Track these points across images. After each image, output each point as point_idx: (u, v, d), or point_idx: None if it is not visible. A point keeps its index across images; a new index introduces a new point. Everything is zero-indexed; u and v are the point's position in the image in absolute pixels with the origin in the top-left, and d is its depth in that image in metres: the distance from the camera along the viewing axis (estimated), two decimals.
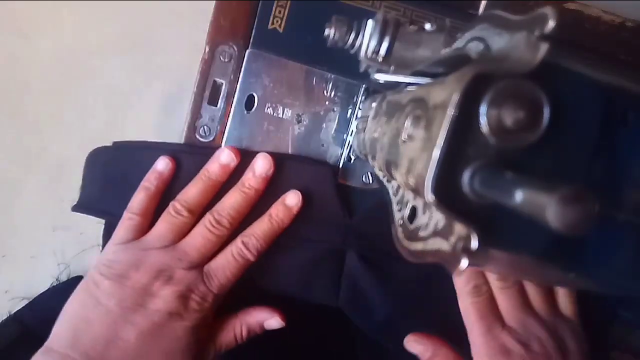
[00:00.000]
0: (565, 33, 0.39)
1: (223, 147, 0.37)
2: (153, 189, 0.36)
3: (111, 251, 0.35)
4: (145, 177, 0.37)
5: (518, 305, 0.34)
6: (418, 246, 0.20)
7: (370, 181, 0.39)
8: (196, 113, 0.39)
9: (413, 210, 0.22)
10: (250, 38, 0.38)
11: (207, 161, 0.37)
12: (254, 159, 0.36)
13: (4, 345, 0.40)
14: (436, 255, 0.17)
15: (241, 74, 0.38)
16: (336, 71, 0.38)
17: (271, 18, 0.38)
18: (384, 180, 0.28)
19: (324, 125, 0.39)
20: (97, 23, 0.47)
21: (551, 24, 0.16)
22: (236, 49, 0.38)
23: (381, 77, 0.26)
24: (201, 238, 0.35)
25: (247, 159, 0.37)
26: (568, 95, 0.17)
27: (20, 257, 0.48)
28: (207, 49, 0.38)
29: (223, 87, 0.38)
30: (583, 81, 0.18)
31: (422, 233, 0.19)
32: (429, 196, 0.17)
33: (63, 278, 0.46)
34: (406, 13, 0.38)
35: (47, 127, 0.48)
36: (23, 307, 0.42)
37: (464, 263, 0.15)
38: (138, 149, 0.39)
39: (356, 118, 0.39)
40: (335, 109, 0.39)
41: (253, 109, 0.39)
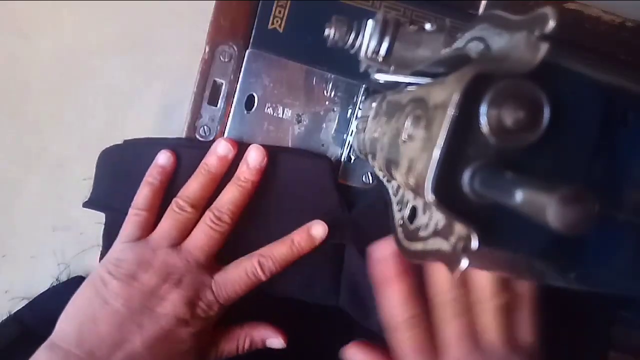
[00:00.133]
0: (565, 33, 0.39)
1: (220, 139, 0.37)
2: (157, 184, 0.36)
3: (119, 249, 0.35)
4: (147, 172, 0.37)
5: (464, 336, 0.30)
6: (418, 246, 0.20)
7: (370, 181, 0.39)
8: (196, 113, 0.39)
9: (413, 210, 0.22)
10: (250, 38, 0.38)
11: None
12: (247, 151, 0.37)
13: (4, 345, 0.40)
14: (436, 255, 0.17)
15: (241, 74, 0.38)
16: (336, 71, 0.38)
17: (271, 18, 0.38)
18: (384, 180, 0.29)
19: (324, 125, 0.39)
20: (97, 23, 0.47)
21: (551, 24, 0.16)
22: (236, 49, 0.38)
23: (381, 77, 0.26)
24: (204, 236, 0.35)
25: (244, 150, 0.37)
26: (568, 95, 0.17)
27: (20, 257, 0.48)
28: (207, 49, 0.38)
29: (223, 87, 0.38)
30: (583, 81, 0.18)
31: (422, 233, 0.19)
32: (429, 196, 0.17)
33: (63, 278, 0.46)
34: (406, 13, 0.38)
35: (47, 127, 0.47)
36: (23, 307, 0.42)
37: (464, 263, 0.15)
38: (142, 145, 0.39)
39: (356, 118, 0.39)
40: (335, 109, 0.39)
41: (253, 109, 0.39)
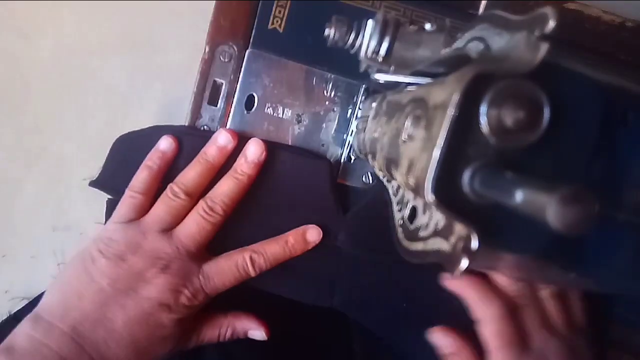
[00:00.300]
0: (565, 33, 0.39)
1: (221, 129, 0.37)
2: (156, 168, 0.36)
3: (112, 229, 0.35)
4: (147, 156, 0.37)
5: (539, 325, 0.33)
6: (418, 246, 0.20)
7: (370, 181, 0.39)
8: (196, 113, 0.39)
9: (413, 210, 0.22)
10: (250, 38, 0.38)
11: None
12: (246, 145, 0.37)
13: None
14: (436, 255, 0.17)
15: (241, 74, 0.38)
16: (336, 71, 0.38)
17: (271, 18, 0.38)
18: (384, 180, 0.29)
19: (324, 125, 0.39)
20: (97, 23, 0.47)
21: (551, 24, 0.16)
22: (236, 49, 0.38)
23: (381, 77, 0.26)
24: (196, 225, 0.35)
25: (245, 144, 0.37)
26: (568, 95, 0.17)
27: (20, 257, 0.48)
28: (207, 49, 0.38)
29: (223, 87, 0.38)
30: (583, 81, 0.18)
31: (422, 233, 0.19)
32: (429, 196, 0.17)
33: None
34: (406, 13, 0.38)
35: (47, 127, 0.48)
36: (23, 307, 0.42)
37: (464, 263, 0.15)
38: (153, 131, 0.39)
39: (356, 118, 0.39)
40: (335, 109, 0.39)
41: (253, 109, 0.39)
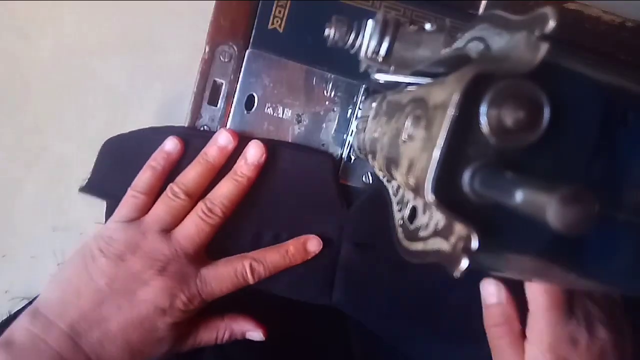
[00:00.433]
0: (565, 33, 0.39)
1: (221, 129, 0.37)
2: (160, 169, 0.36)
3: (113, 227, 0.35)
4: (152, 157, 0.37)
5: (581, 291, 0.32)
6: (418, 246, 0.20)
7: (370, 181, 0.39)
8: (196, 113, 0.39)
9: (413, 210, 0.22)
10: (250, 38, 0.38)
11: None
12: (247, 147, 0.36)
13: None
14: (436, 255, 0.17)
15: (241, 74, 0.38)
16: (336, 71, 0.38)
17: (271, 18, 0.38)
18: (384, 180, 0.29)
19: (324, 125, 0.39)
20: (97, 23, 0.47)
21: (551, 24, 0.16)
22: (236, 49, 0.38)
23: (381, 77, 0.26)
24: (194, 226, 0.35)
25: (245, 144, 0.37)
26: (568, 95, 0.17)
27: (20, 257, 0.48)
28: (207, 49, 0.38)
29: (223, 87, 0.38)
30: (583, 81, 0.18)
31: (422, 233, 0.19)
32: (429, 196, 0.17)
33: None
34: (406, 13, 0.38)
35: (47, 127, 0.48)
36: (23, 307, 0.42)
37: (464, 263, 0.15)
38: (145, 133, 0.39)
39: (356, 118, 0.39)
40: (335, 109, 0.39)
41: (253, 109, 0.39)
